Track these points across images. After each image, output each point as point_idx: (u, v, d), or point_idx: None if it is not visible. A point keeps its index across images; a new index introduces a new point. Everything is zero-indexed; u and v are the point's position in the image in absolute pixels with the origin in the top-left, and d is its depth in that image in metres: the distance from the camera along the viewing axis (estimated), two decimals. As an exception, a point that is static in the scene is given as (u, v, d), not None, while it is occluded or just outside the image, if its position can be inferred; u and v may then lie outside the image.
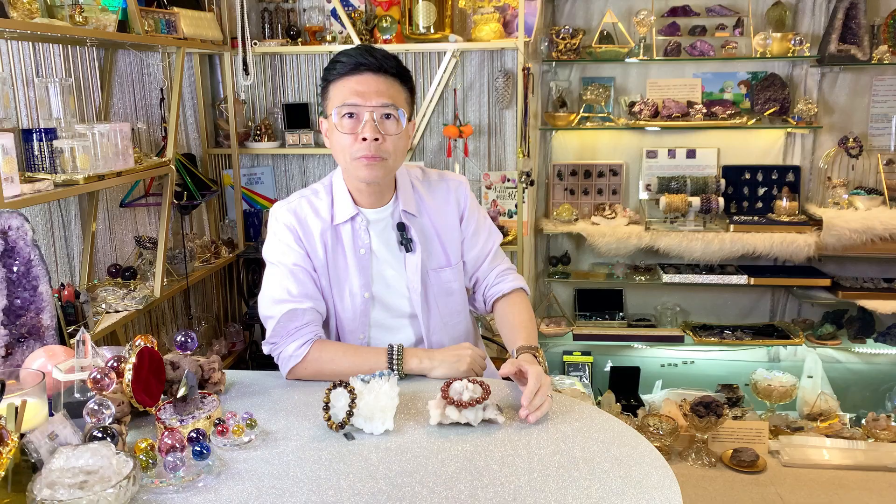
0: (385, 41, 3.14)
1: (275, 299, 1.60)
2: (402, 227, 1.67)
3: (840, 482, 2.67)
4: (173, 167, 2.66)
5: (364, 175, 1.59)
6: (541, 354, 1.58)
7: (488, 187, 3.31)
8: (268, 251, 1.66)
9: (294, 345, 1.56)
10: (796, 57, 3.23)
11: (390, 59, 1.59)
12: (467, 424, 1.34)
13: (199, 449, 1.17)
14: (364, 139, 1.54)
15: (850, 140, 3.26)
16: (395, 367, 1.54)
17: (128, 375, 1.33)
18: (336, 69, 1.57)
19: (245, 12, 3.14)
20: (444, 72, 3.23)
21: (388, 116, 1.56)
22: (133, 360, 1.33)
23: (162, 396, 1.40)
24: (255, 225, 3.45)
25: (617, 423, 1.35)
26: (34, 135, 2.03)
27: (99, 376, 1.24)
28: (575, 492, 1.12)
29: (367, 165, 1.57)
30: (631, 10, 3.35)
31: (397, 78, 1.59)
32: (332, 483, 1.15)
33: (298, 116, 3.40)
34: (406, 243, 1.67)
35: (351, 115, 1.55)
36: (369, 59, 1.55)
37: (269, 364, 3.49)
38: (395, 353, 1.55)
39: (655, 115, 3.31)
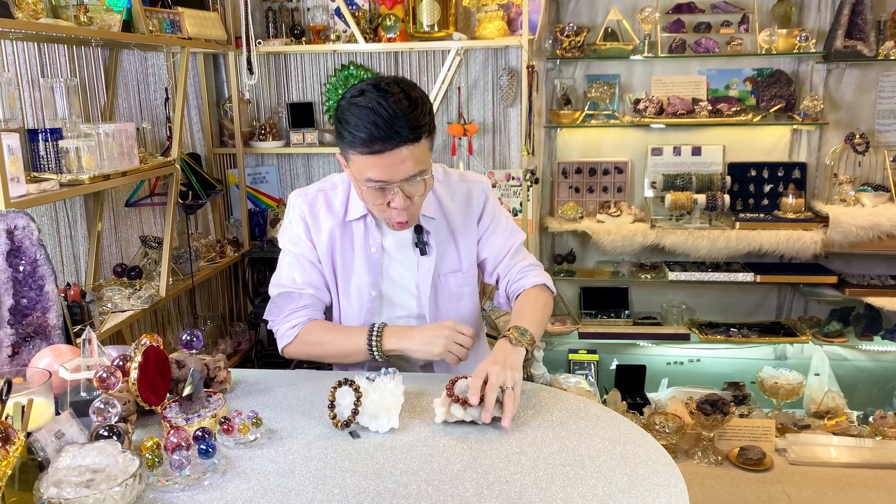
0: (389, 39, 3.14)
1: (279, 283, 1.68)
2: (419, 230, 1.66)
3: (847, 480, 2.66)
4: (178, 167, 2.66)
5: (395, 229, 1.60)
6: (512, 333, 1.50)
7: (493, 185, 3.31)
8: (281, 236, 1.71)
9: (286, 325, 1.63)
10: (802, 53, 3.22)
11: (408, 126, 1.41)
12: (472, 422, 1.34)
13: (204, 447, 1.18)
14: (395, 208, 1.50)
15: (857, 136, 3.24)
16: (373, 346, 1.53)
17: (133, 374, 1.33)
18: (353, 141, 1.43)
19: (249, 12, 3.14)
20: (449, 70, 3.22)
21: (416, 179, 1.49)
22: (139, 358, 1.34)
23: (168, 395, 1.40)
24: (260, 224, 3.45)
25: (623, 422, 1.34)
26: (40, 135, 2.03)
27: (105, 375, 1.24)
28: (581, 490, 1.11)
29: (398, 224, 1.56)
30: (635, 7, 3.34)
31: (415, 138, 1.43)
32: (338, 481, 1.15)
33: (303, 115, 3.40)
34: (422, 246, 1.66)
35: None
36: (389, 139, 1.41)
37: (274, 363, 3.50)
38: (374, 332, 1.54)
39: (660, 112, 3.30)
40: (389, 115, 1.39)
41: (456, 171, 1.76)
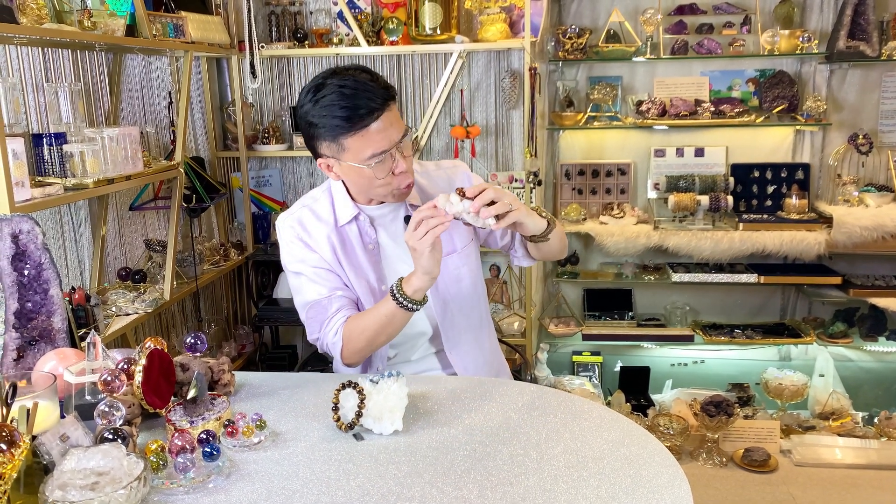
0: (391, 42, 3.15)
1: (306, 301, 1.66)
2: (408, 220, 1.68)
3: (853, 481, 2.65)
4: (182, 170, 2.67)
5: (402, 199, 1.65)
6: (538, 209, 1.60)
7: (496, 188, 3.31)
8: (285, 262, 1.71)
9: (331, 334, 1.62)
10: (804, 54, 3.21)
11: (377, 88, 1.50)
12: (467, 224, 1.49)
13: (209, 450, 1.18)
14: (401, 172, 1.56)
15: (860, 137, 3.24)
16: (402, 301, 1.52)
17: (138, 377, 1.33)
18: (338, 129, 1.49)
19: (252, 15, 3.15)
20: (451, 73, 3.23)
21: (407, 137, 1.57)
22: (143, 362, 1.34)
23: (172, 398, 1.40)
24: (263, 227, 3.46)
25: (627, 423, 1.34)
26: (44, 139, 2.04)
27: (109, 378, 1.24)
28: (584, 491, 1.11)
29: (404, 191, 1.61)
30: (637, 8, 3.34)
31: (390, 98, 1.52)
32: (342, 484, 1.15)
33: (306, 119, 3.41)
34: None
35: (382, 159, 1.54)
36: (369, 105, 1.48)
37: (278, 366, 3.50)
38: (395, 291, 1.53)
39: (663, 113, 3.30)
40: (359, 86, 1.47)
41: (430, 162, 1.83)
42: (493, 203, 1.46)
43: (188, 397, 1.33)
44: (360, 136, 1.49)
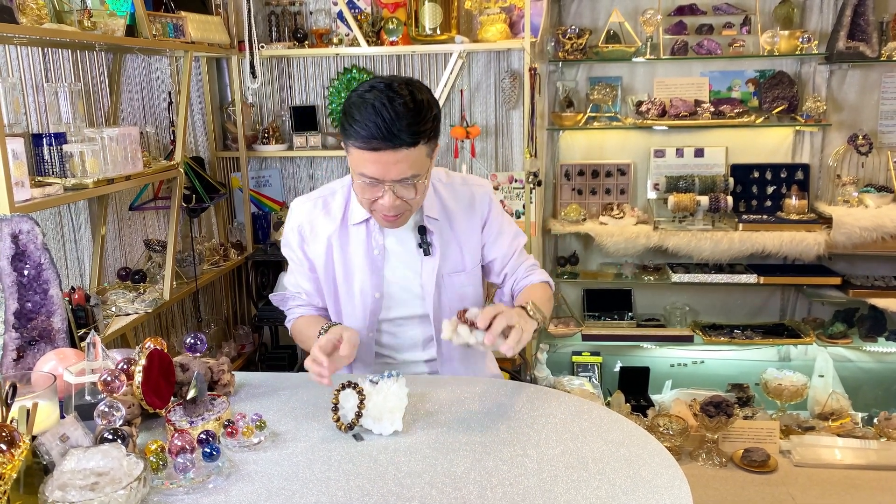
0: (391, 43, 3.15)
1: (286, 282, 1.82)
2: (423, 231, 1.66)
3: (852, 482, 2.65)
4: (182, 170, 2.67)
5: (384, 225, 1.63)
6: (530, 306, 1.53)
7: (496, 188, 3.31)
8: (283, 243, 1.78)
9: (288, 316, 1.82)
10: (804, 54, 3.22)
11: (407, 130, 1.42)
12: (472, 346, 1.41)
13: (208, 450, 1.18)
14: (382, 207, 1.52)
15: (860, 137, 3.24)
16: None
17: (138, 378, 1.33)
18: (353, 134, 1.45)
19: (252, 15, 3.15)
20: (451, 73, 3.23)
21: (408, 181, 1.50)
22: (143, 362, 1.34)
23: (172, 398, 1.40)
24: (263, 227, 3.46)
25: (626, 423, 1.34)
26: (44, 139, 2.04)
27: (109, 379, 1.24)
28: (584, 492, 1.11)
29: (385, 219, 1.58)
30: (637, 9, 3.34)
31: (411, 144, 1.44)
32: (342, 484, 1.15)
33: (306, 119, 3.41)
34: (426, 247, 1.66)
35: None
36: (386, 140, 1.42)
37: (278, 366, 3.50)
38: (320, 334, 1.51)
39: (663, 114, 3.30)
40: (391, 117, 1.41)
41: (458, 174, 1.78)
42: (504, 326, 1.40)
43: (188, 397, 1.33)
44: (363, 154, 1.46)
